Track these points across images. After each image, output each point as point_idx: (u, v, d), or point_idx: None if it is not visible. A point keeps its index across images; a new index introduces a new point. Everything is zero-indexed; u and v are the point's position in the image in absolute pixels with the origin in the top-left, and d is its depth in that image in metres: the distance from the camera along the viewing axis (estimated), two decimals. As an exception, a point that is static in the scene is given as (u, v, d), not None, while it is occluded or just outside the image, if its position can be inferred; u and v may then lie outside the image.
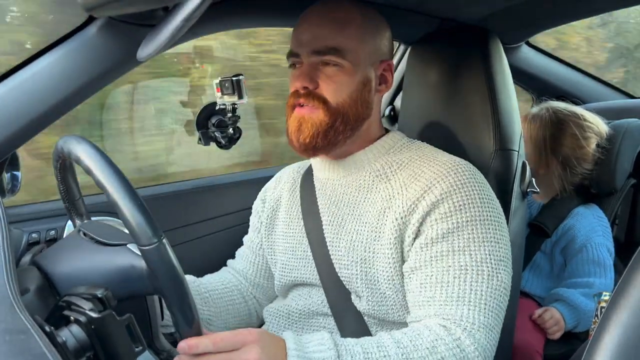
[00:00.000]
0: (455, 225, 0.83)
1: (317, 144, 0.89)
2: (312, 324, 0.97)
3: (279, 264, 1.03)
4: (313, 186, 1.01)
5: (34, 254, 0.82)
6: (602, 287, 1.27)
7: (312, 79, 0.89)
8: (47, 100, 0.91)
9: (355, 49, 0.89)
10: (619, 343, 0.48)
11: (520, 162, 1.04)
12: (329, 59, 0.88)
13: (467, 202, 0.83)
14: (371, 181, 0.93)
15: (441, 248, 0.83)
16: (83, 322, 0.63)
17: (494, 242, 0.83)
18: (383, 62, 0.94)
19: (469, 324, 0.78)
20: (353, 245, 0.91)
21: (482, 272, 0.81)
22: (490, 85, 1.03)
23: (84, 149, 0.70)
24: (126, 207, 0.65)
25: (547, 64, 1.69)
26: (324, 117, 0.88)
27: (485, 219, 0.84)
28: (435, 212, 0.84)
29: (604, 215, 1.39)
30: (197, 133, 1.23)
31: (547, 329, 1.26)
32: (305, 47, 0.89)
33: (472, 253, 0.82)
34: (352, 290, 0.92)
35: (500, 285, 0.82)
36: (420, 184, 0.86)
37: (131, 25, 0.93)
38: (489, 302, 0.80)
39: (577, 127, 1.36)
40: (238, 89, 1.15)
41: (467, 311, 0.79)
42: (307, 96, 0.89)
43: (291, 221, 1.03)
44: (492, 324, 0.79)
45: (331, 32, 0.88)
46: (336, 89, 0.89)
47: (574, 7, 1.29)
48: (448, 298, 0.80)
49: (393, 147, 0.96)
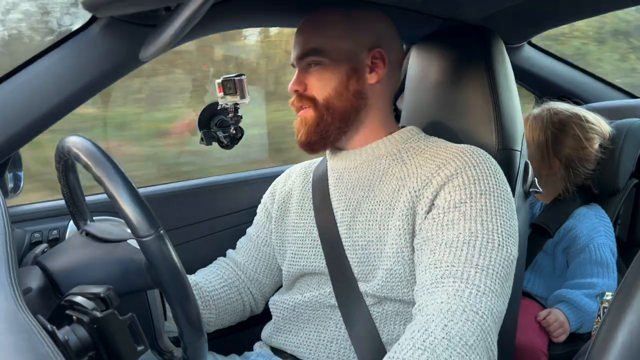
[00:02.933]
0: (469, 196, 0.84)
1: (311, 139, 0.97)
2: (318, 315, 0.97)
3: (288, 253, 1.05)
4: (326, 178, 1.03)
5: (36, 253, 0.82)
6: (605, 288, 1.27)
7: (301, 82, 0.97)
8: (50, 99, 0.91)
9: (334, 46, 0.94)
10: (622, 343, 0.48)
11: (522, 162, 1.04)
12: (310, 59, 0.95)
13: (481, 177, 0.85)
14: (387, 164, 0.96)
15: (452, 217, 0.83)
16: (85, 321, 0.63)
17: (505, 217, 0.84)
18: (372, 50, 0.96)
19: (475, 286, 0.77)
20: (369, 224, 0.93)
21: (492, 241, 0.81)
22: (493, 85, 1.03)
23: (82, 146, 0.70)
24: (123, 199, 0.66)
25: (549, 64, 1.69)
26: (313, 114, 0.96)
27: (498, 195, 0.85)
28: (449, 184, 0.86)
29: (607, 215, 1.39)
30: (200, 133, 1.23)
31: (551, 332, 1.26)
32: (294, 54, 0.98)
33: (483, 222, 0.82)
34: (360, 276, 0.93)
35: (509, 257, 0.82)
36: (435, 163, 0.90)
37: (134, 25, 0.93)
38: (497, 269, 0.79)
39: (579, 128, 1.35)
40: (240, 88, 1.15)
41: (475, 273, 0.78)
42: (299, 98, 0.97)
43: (302, 212, 1.05)
44: (499, 291, 0.78)
45: (312, 35, 0.96)
46: (321, 86, 0.96)
47: (576, 7, 1.28)
48: (455, 260, 0.79)
49: (411, 138, 0.99)
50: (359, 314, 0.92)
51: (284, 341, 1.00)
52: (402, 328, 0.91)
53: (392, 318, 0.91)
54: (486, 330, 0.73)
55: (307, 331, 0.98)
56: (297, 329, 1.00)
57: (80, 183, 0.86)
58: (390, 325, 0.91)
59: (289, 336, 1.00)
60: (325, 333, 0.95)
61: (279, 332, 1.02)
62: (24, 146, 0.96)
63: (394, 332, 0.91)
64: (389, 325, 0.91)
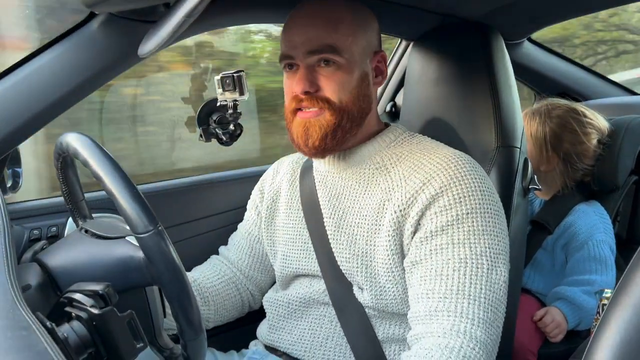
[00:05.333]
0: (455, 218, 0.83)
1: (326, 145, 0.90)
2: (312, 313, 0.97)
3: (279, 255, 1.04)
4: (313, 178, 1.01)
5: (35, 250, 0.82)
6: (604, 285, 1.27)
7: (312, 82, 0.88)
8: (49, 96, 0.91)
9: (349, 45, 0.89)
10: (621, 341, 0.47)
11: (522, 159, 1.04)
12: (326, 56, 0.87)
13: (466, 195, 0.83)
14: (371, 174, 0.93)
15: (441, 241, 0.83)
16: (84, 318, 0.63)
17: (493, 235, 0.83)
18: (376, 54, 0.95)
19: (469, 320, 0.78)
20: (354, 238, 0.91)
21: (481, 266, 0.81)
22: (492, 81, 1.03)
23: (81, 142, 0.70)
24: (122, 196, 0.66)
25: (549, 61, 1.68)
26: (331, 118, 0.89)
27: (484, 212, 0.84)
28: (435, 205, 0.84)
29: (606, 212, 1.39)
30: (199, 129, 1.23)
31: (548, 333, 1.26)
32: (300, 49, 0.88)
33: (471, 245, 0.82)
34: (354, 283, 0.92)
35: (499, 279, 0.82)
36: (419, 176, 0.86)
37: (132, 22, 0.93)
38: (488, 296, 0.80)
39: (577, 122, 1.36)
40: (239, 85, 1.15)
41: (467, 305, 0.79)
42: (309, 100, 0.89)
43: (291, 212, 1.03)
44: (492, 318, 0.79)
45: (325, 30, 0.87)
46: (337, 88, 0.88)
47: (576, 3, 1.28)
48: (447, 291, 0.80)
49: (394, 141, 0.96)
50: (354, 312, 0.92)
51: (278, 339, 1.00)
52: (397, 327, 0.91)
53: (388, 317, 0.91)
54: None
55: (302, 329, 0.97)
56: (290, 326, 0.99)
57: (80, 180, 0.86)
58: (386, 323, 0.91)
59: (283, 334, 1.00)
60: (320, 330, 0.95)
61: (273, 330, 1.02)
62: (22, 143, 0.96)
63: (390, 329, 0.91)
64: (384, 324, 0.91)
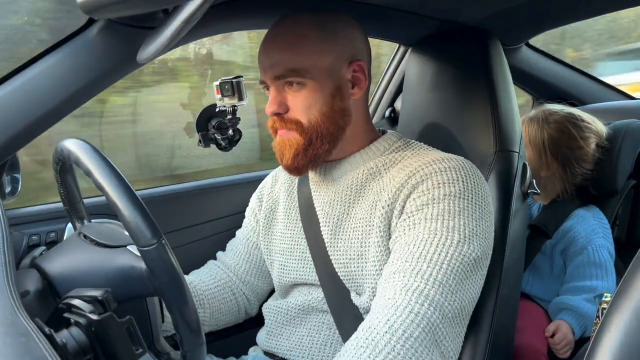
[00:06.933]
0: (431, 198, 0.83)
1: (298, 163, 0.91)
2: (310, 320, 0.97)
3: (277, 264, 1.04)
4: (309, 187, 1.01)
5: (34, 256, 0.82)
6: (604, 290, 1.26)
7: (281, 103, 0.90)
8: (47, 102, 0.91)
9: (314, 64, 0.88)
10: (621, 344, 0.47)
11: (520, 164, 1.04)
12: (290, 80, 0.88)
13: (447, 181, 0.84)
14: (364, 179, 0.93)
15: (414, 219, 0.83)
16: (83, 324, 0.63)
17: (472, 217, 0.82)
18: (352, 63, 0.91)
19: (424, 280, 0.76)
20: (350, 242, 0.91)
21: (451, 238, 0.80)
22: (491, 86, 1.03)
23: (83, 151, 0.70)
24: (125, 208, 0.65)
25: (547, 65, 1.69)
26: (300, 138, 0.90)
27: (465, 197, 0.83)
28: (416, 191, 0.85)
29: (604, 216, 1.39)
30: (198, 135, 1.23)
31: (557, 350, 1.25)
32: (267, 74, 0.90)
33: (444, 221, 0.81)
34: (352, 289, 0.92)
35: (470, 254, 0.79)
36: (404, 173, 0.88)
37: (131, 28, 0.93)
38: (452, 265, 0.77)
39: (575, 127, 1.36)
40: (238, 90, 1.15)
41: (427, 268, 0.77)
42: (280, 121, 0.91)
43: (289, 222, 1.03)
44: (453, 285, 0.76)
45: (286, 54, 0.88)
46: (305, 109, 0.89)
47: (574, 8, 1.29)
48: (410, 256, 0.79)
49: (388, 150, 0.96)
50: (352, 319, 0.91)
51: (277, 345, 1.00)
52: None
53: None
54: (433, 323, 0.73)
55: (300, 335, 0.97)
56: (288, 332, 0.99)
57: (78, 184, 0.86)
58: None
59: (281, 340, 1.00)
60: (318, 336, 0.95)
61: (272, 336, 1.02)
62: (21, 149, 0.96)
63: None
64: None
